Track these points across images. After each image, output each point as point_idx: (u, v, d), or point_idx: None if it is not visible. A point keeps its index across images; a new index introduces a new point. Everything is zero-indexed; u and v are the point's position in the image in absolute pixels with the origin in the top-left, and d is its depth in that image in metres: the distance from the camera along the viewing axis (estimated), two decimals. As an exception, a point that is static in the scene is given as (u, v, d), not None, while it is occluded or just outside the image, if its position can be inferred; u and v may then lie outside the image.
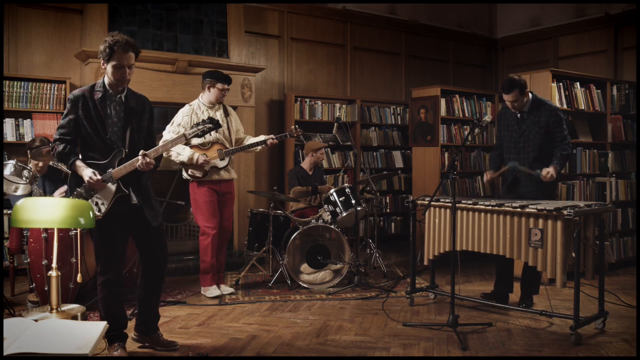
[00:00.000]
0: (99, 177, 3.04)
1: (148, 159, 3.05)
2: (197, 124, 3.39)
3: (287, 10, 7.05)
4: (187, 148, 4.40)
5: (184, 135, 3.33)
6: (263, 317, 4.02)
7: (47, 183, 4.53)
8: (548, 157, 4.13)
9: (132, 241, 3.32)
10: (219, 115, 4.60)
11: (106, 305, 3.17)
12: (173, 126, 4.48)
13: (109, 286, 3.15)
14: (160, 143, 4.18)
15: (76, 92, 3.11)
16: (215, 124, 3.40)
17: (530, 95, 4.17)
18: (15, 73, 5.37)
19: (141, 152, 3.07)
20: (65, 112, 3.10)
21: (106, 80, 3.11)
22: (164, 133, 4.49)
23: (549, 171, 3.98)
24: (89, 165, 3.08)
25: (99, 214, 3.09)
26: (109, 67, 3.03)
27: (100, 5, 5.45)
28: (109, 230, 3.13)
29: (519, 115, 4.21)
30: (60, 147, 3.07)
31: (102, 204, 3.10)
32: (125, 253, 3.28)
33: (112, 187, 3.11)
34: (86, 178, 3.04)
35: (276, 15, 7.00)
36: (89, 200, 3.09)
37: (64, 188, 4.40)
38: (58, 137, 3.09)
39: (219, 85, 4.52)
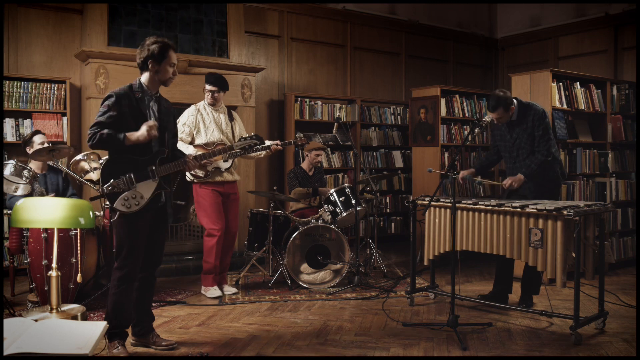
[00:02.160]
0: (155, 122, 3.12)
1: (197, 162, 3.36)
2: (245, 138, 3.85)
3: (287, 10, 7.05)
4: (191, 147, 4.41)
5: (231, 145, 3.81)
6: (263, 317, 4.02)
7: (48, 181, 4.55)
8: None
9: None
10: (222, 118, 4.62)
11: (117, 301, 3.17)
12: (179, 125, 4.47)
13: (125, 282, 3.16)
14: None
15: (117, 90, 3.17)
16: (260, 140, 3.79)
17: (515, 102, 4.16)
18: (15, 73, 5.37)
19: (190, 155, 3.35)
20: (103, 109, 3.09)
21: (144, 81, 3.23)
22: None
23: (508, 180, 4.13)
24: (130, 161, 3.13)
25: (136, 207, 3.10)
26: (162, 67, 3.20)
27: (100, 5, 5.45)
28: (136, 225, 3.15)
29: (507, 124, 4.22)
30: (107, 131, 3.04)
31: (142, 197, 3.13)
32: (144, 250, 3.26)
33: (154, 183, 3.17)
34: (144, 130, 3.07)
35: (276, 15, 7.00)
36: (128, 193, 3.09)
37: None
38: (98, 129, 3.05)
39: (207, 87, 4.55)
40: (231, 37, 6.21)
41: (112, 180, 3.09)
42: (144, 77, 3.24)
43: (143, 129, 3.08)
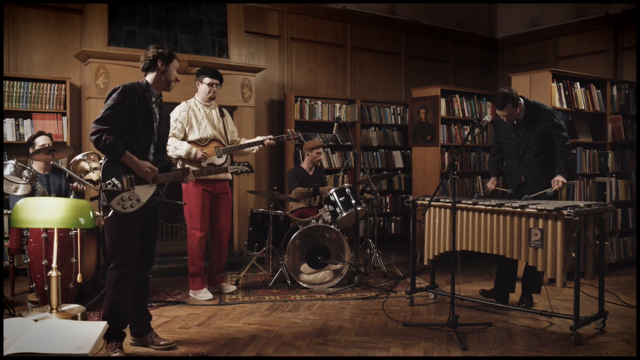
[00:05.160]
0: (156, 168, 3.21)
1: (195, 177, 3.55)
2: (238, 163, 4.05)
3: (287, 10, 7.05)
4: (185, 143, 4.39)
5: (226, 168, 3.99)
6: (263, 317, 4.02)
7: (51, 182, 4.55)
8: (550, 160, 4.13)
9: None
10: (214, 114, 4.61)
11: (114, 300, 3.17)
12: (170, 122, 4.47)
13: (122, 281, 3.17)
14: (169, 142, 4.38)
15: (127, 84, 3.17)
16: (250, 169, 3.99)
17: (522, 101, 4.15)
18: (15, 73, 5.36)
19: (191, 169, 3.45)
20: (112, 101, 3.06)
21: (151, 82, 3.25)
22: None
23: (558, 180, 4.02)
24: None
25: (132, 209, 3.11)
26: (170, 67, 3.25)
27: (100, 5, 5.45)
28: (129, 225, 3.16)
29: (515, 122, 4.21)
30: (112, 137, 3.03)
31: (138, 200, 3.15)
32: (139, 249, 3.26)
33: (152, 189, 3.23)
34: (146, 169, 3.14)
35: (276, 15, 7.00)
36: (125, 194, 3.10)
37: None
38: (106, 127, 3.02)
39: (206, 80, 4.51)
40: (231, 37, 6.21)
41: (113, 178, 3.09)
42: (150, 77, 3.26)
43: (147, 166, 3.15)
